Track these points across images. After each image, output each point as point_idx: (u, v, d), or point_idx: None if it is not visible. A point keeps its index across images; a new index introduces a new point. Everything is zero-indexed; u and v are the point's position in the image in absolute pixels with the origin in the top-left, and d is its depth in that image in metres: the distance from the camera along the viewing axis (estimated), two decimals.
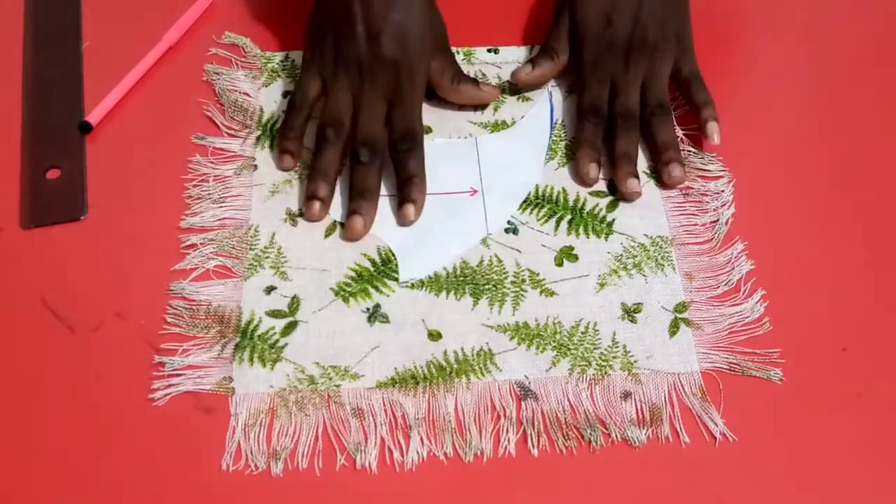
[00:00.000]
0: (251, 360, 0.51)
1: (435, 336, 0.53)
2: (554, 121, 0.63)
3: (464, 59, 0.66)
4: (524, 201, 0.59)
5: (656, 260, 0.56)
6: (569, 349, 0.52)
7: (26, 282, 0.54)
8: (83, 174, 0.59)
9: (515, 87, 0.64)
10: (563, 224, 0.58)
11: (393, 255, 0.56)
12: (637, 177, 0.58)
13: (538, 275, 0.55)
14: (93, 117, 0.61)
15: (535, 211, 0.59)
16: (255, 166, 0.60)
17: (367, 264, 0.56)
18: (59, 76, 0.65)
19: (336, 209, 0.58)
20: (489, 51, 0.67)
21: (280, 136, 0.60)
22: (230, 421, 0.49)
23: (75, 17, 0.68)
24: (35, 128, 0.62)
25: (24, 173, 0.60)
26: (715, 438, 0.49)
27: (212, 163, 0.60)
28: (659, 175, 0.59)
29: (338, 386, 0.51)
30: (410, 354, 0.52)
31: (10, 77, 0.64)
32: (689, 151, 0.61)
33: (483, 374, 0.51)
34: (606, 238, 0.57)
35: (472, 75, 0.65)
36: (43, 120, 0.62)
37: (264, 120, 0.62)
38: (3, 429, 0.49)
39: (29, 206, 0.58)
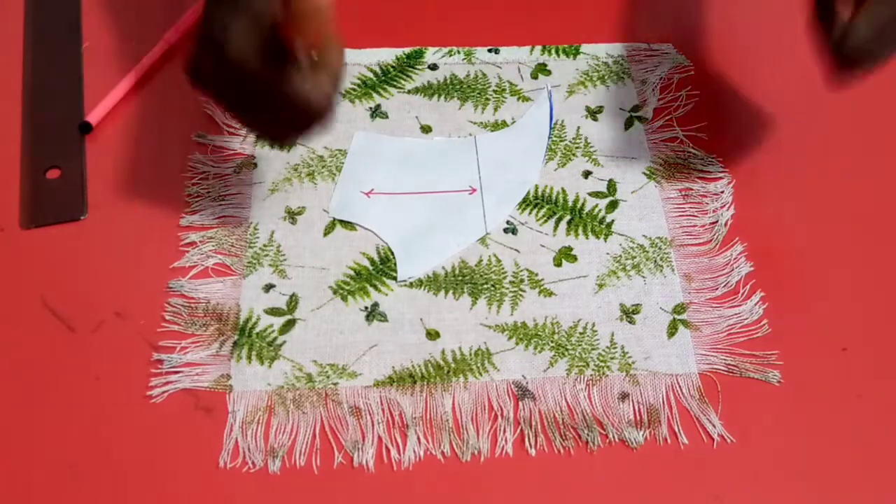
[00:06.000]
0: (249, 357, 0.51)
1: (433, 335, 0.53)
2: (554, 121, 0.63)
3: (464, 59, 0.66)
4: (523, 201, 0.59)
5: (655, 261, 0.56)
6: (567, 349, 0.52)
7: (26, 282, 0.54)
8: (83, 174, 0.59)
9: (515, 88, 0.65)
10: (563, 224, 0.58)
11: (392, 253, 0.56)
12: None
13: (537, 275, 0.55)
14: (93, 117, 0.61)
15: (535, 211, 0.58)
16: (255, 164, 0.60)
17: (366, 263, 0.56)
18: (59, 76, 0.65)
19: (335, 208, 0.58)
20: (489, 51, 0.67)
21: None
22: (228, 418, 0.49)
23: (75, 17, 0.68)
24: (35, 128, 0.62)
25: (24, 173, 0.60)
26: (713, 440, 0.49)
27: (211, 161, 0.60)
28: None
29: (335, 384, 0.51)
30: (408, 353, 0.52)
31: (10, 77, 0.65)
32: (689, 152, 0.61)
33: (481, 374, 0.51)
34: (605, 239, 0.57)
35: (472, 75, 0.65)
36: (43, 120, 0.62)
37: None
38: (3, 429, 0.49)
39: (29, 206, 0.58)
